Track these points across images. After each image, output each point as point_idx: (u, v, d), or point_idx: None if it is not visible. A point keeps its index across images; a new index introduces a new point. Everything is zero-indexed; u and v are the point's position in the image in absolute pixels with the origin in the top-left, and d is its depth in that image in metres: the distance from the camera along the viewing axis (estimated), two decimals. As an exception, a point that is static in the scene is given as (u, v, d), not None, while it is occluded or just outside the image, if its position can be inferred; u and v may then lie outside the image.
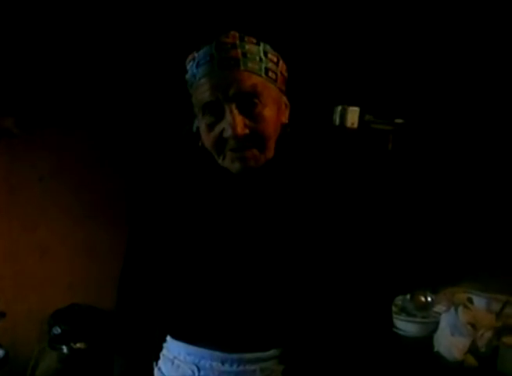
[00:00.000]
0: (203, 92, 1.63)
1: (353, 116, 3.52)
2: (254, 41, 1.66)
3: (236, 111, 1.59)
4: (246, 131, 1.60)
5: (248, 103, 1.61)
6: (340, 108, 3.56)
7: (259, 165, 1.66)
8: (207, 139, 1.67)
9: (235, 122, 1.58)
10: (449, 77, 3.59)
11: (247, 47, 1.63)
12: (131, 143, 3.84)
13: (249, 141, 1.62)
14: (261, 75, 1.62)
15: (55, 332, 3.64)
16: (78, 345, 3.61)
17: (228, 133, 1.60)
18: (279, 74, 1.68)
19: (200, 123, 1.68)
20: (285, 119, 1.74)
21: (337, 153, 1.88)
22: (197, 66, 1.65)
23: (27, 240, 3.81)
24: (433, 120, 3.62)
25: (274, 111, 1.66)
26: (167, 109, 3.64)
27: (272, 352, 1.70)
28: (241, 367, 1.70)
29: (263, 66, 1.63)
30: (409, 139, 3.59)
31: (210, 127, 1.64)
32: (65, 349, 3.60)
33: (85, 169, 3.90)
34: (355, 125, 3.53)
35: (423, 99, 3.63)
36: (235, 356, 1.70)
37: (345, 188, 1.76)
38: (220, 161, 1.68)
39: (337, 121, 3.55)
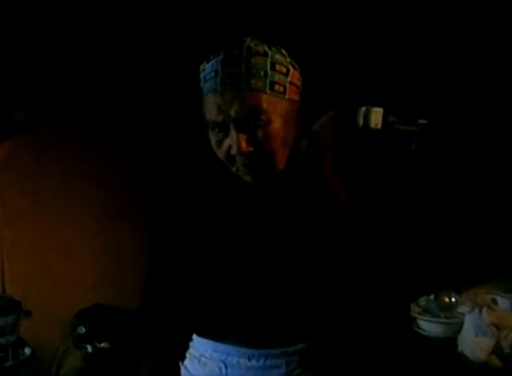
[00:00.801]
0: (209, 111, 1.65)
1: (377, 117, 3.49)
2: (263, 51, 1.64)
3: (236, 132, 1.62)
4: (251, 149, 1.62)
5: (251, 122, 1.62)
6: (363, 109, 3.53)
7: (271, 177, 1.68)
8: (218, 153, 1.70)
9: (238, 142, 1.61)
10: (475, 77, 3.58)
11: (253, 61, 1.62)
12: (154, 146, 3.86)
13: (256, 157, 1.64)
14: (265, 91, 1.62)
15: (80, 332, 3.67)
16: (102, 344, 3.64)
17: (234, 150, 1.63)
18: (287, 85, 1.67)
19: (211, 137, 1.71)
20: (298, 127, 1.74)
21: (361, 155, 1.88)
22: (205, 80, 1.67)
23: (51, 241, 3.84)
24: (458, 120, 3.61)
25: (280, 125, 1.66)
26: (190, 114, 3.65)
27: (297, 347, 1.71)
28: (268, 362, 1.72)
29: (268, 80, 1.62)
30: (433, 140, 3.58)
31: (219, 143, 1.67)
32: (89, 349, 3.63)
33: (108, 171, 3.93)
34: (379, 126, 3.52)
35: (448, 99, 3.62)
36: (261, 351, 1.72)
37: (368, 188, 1.76)
38: (234, 171, 1.70)
39: (361, 122, 3.54)
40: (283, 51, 1.69)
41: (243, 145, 1.60)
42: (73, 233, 3.90)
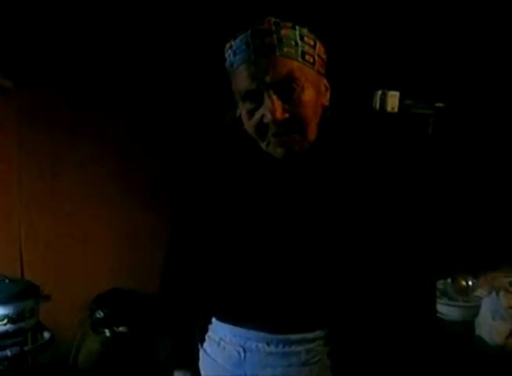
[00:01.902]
0: (242, 81, 1.65)
1: (393, 100, 3.51)
2: (290, 25, 1.66)
3: (274, 97, 1.61)
4: (286, 115, 1.61)
5: (286, 88, 1.62)
6: (380, 93, 3.55)
7: (303, 149, 1.68)
8: (249, 126, 1.69)
9: (274, 107, 1.60)
10: (491, 61, 3.56)
11: (283, 32, 1.63)
12: (171, 129, 3.87)
13: (289, 126, 1.63)
14: (297, 59, 1.63)
15: (98, 316, 3.70)
16: (120, 328, 3.66)
17: (268, 119, 1.62)
18: (316, 57, 1.68)
19: (242, 110, 1.70)
20: (326, 101, 1.74)
21: (378, 138, 1.88)
22: (234, 54, 1.67)
23: (69, 226, 3.86)
24: (474, 103, 3.59)
25: (313, 95, 1.66)
26: (209, 95, 3.66)
27: (317, 333, 1.71)
28: (286, 348, 1.71)
29: (299, 50, 1.63)
30: (449, 123, 3.57)
31: (251, 113, 1.66)
32: (107, 333, 3.66)
33: (126, 155, 3.94)
34: (396, 110, 3.52)
35: (464, 82, 3.60)
36: (280, 336, 1.71)
37: (386, 172, 1.76)
38: (264, 147, 1.69)
39: (378, 106, 3.54)
40: (306, 28, 1.70)
41: (279, 110, 1.60)
42: (90, 217, 3.92)
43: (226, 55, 1.71)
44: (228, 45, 1.71)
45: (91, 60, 3.76)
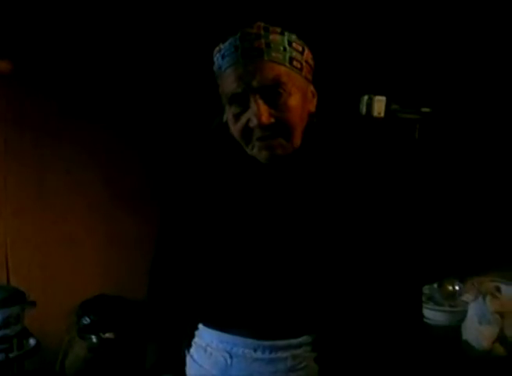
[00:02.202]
0: (229, 84, 1.65)
1: (380, 105, 3.52)
2: (279, 31, 1.66)
3: (260, 101, 1.61)
4: (272, 120, 1.62)
5: (272, 93, 1.62)
6: (366, 97, 3.56)
7: (286, 153, 1.68)
8: (235, 129, 1.69)
9: (259, 112, 1.60)
10: (478, 66, 3.57)
11: (271, 37, 1.63)
12: (158, 136, 3.87)
13: (275, 130, 1.63)
14: (285, 65, 1.63)
15: (85, 322, 3.68)
16: (107, 334, 3.65)
17: (253, 123, 1.62)
18: (304, 63, 1.69)
19: (228, 113, 1.70)
20: (312, 108, 1.75)
21: (364, 143, 1.88)
22: (223, 57, 1.67)
23: (55, 231, 3.84)
24: (460, 108, 3.61)
25: (299, 100, 1.67)
26: (196, 102, 3.66)
27: (303, 339, 1.71)
28: (273, 354, 1.71)
29: (287, 55, 1.64)
30: (436, 128, 3.58)
31: (237, 117, 1.66)
32: (94, 339, 3.64)
33: (113, 162, 3.93)
34: (382, 114, 3.53)
35: (450, 87, 3.62)
36: (267, 342, 1.71)
37: (372, 177, 1.76)
38: (249, 151, 1.69)
39: (364, 111, 3.55)
40: (295, 34, 1.71)
41: (265, 115, 1.60)
42: (77, 223, 3.90)
43: (215, 58, 1.71)
44: (217, 48, 1.71)
45: (80, 67, 3.75)
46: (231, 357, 1.75)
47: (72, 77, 3.75)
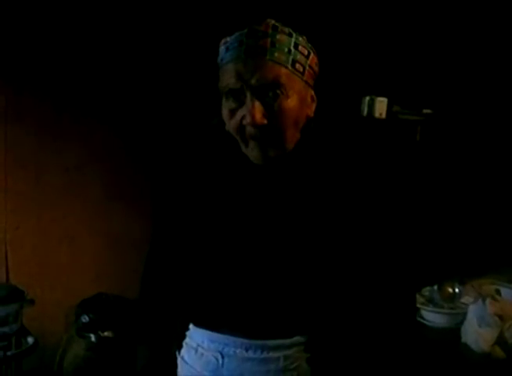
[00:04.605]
0: (228, 78, 1.64)
1: (381, 106, 3.52)
2: (287, 31, 1.66)
3: (256, 100, 1.61)
4: (265, 121, 1.61)
5: (270, 93, 1.61)
6: (368, 99, 3.56)
7: (277, 155, 1.67)
8: (229, 125, 1.69)
9: (253, 110, 1.60)
10: (478, 68, 3.57)
11: (278, 37, 1.63)
12: (156, 134, 3.87)
13: (267, 131, 1.63)
14: (286, 66, 1.62)
15: (83, 321, 3.67)
16: (106, 333, 3.64)
17: (247, 120, 1.61)
18: (307, 67, 1.68)
19: (223, 107, 1.69)
20: (311, 113, 1.74)
21: (362, 145, 1.88)
22: (227, 50, 1.67)
23: (55, 230, 3.84)
24: (461, 110, 3.60)
25: (296, 103, 1.65)
26: (194, 101, 3.66)
27: (295, 339, 1.70)
28: (265, 354, 1.70)
29: (290, 57, 1.63)
30: (437, 130, 3.58)
31: (232, 112, 1.66)
32: (93, 338, 3.63)
33: (112, 160, 3.93)
34: (383, 116, 3.53)
35: (451, 89, 3.61)
36: (258, 342, 1.70)
37: (365, 179, 1.75)
38: (243, 149, 1.69)
39: (365, 112, 3.55)
40: (304, 37, 1.70)
41: (258, 115, 1.60)
42: (76, 221, 3.90)
43: (220, 49, 1.71)
44: (223, 40, 1.71)
45: (79, 65, 3.75)
46: (222, 357, 1.75)
47: (72, 76, 3.75)
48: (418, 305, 2.98)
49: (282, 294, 1.69)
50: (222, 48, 1.69)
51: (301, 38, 1.68)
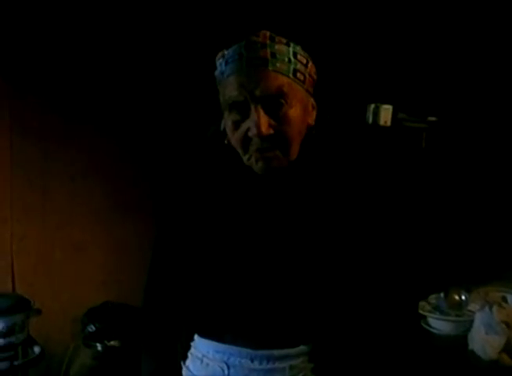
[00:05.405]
0: (230, 91, 1.64)
1: (386, 114, 3.52)
2: (285, 41, 1.66)
3: (261, 111, 1.60)
4: (271, 131, 1.61)
5: (274, 103, 1.61)
6: (373, 106, 3.56)
7: (282, 166, 1.67)
8: (234, 138, 1.68)
9: (260, 122, 1.59)
10: (483, 75, 3.56)
11: (277, 47, 1.63)
12: (159, 143, 3.87)
13: (273, 142, 1.63)
14: (288, 76, 1.63)
15: (90, 330, 3.67)
16: (112, 342, 3.64)
17: (253, 132, 1.61)
18: (307, 76, 1.68)
19: (227, 120, 1.69)
20: (311, 121, 1.74)
21: (365, 153, 1.88)
22: (226, 63, 1.66)
23: (60, 239, 3.85)
24: (467, 117, 3.60)
25: (300, 112, 1.66)
26: (193, 109, 3.66)
27: (300, 349, 1.70)
28: (270, 365, 1.70)
29: (291, 67, 1.64)
30: (442, 137, 3.58)
31: (236, 125, 1.66)
32: (99, 347, 3.63)
33: (117, 169, 3.94)
34: (388, 123, 3.53)
35: (457, 96, 3.61)
36: (264, 352, 1.70)
37: (368, 189, 1.76)
38: (245, 161, 1.69)
39: (370, 119, 3.55)
40: (300, 46, 1.70)
41: (265, 125, 1.59)
42: (82, 230, 3.91)
43: (217, 64, 1.71)
44: (220, 53, 1.71)
45: (84, 76, 3.76)
46: (228, 367, 1.74)
47: (77, 86, 3.77)
48: (425, 313, 2.97)
49: (286, 304, 1.69)
50: (221, 62, 1.69)
51: (298, 47, 1.69)
